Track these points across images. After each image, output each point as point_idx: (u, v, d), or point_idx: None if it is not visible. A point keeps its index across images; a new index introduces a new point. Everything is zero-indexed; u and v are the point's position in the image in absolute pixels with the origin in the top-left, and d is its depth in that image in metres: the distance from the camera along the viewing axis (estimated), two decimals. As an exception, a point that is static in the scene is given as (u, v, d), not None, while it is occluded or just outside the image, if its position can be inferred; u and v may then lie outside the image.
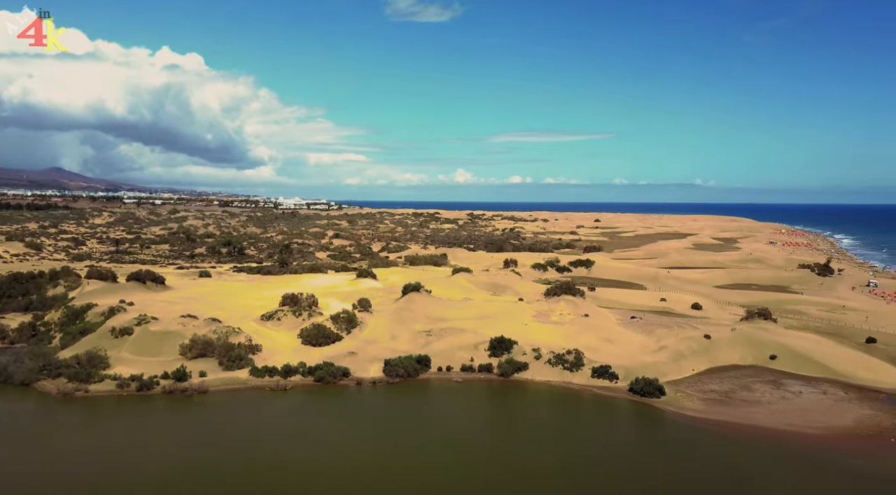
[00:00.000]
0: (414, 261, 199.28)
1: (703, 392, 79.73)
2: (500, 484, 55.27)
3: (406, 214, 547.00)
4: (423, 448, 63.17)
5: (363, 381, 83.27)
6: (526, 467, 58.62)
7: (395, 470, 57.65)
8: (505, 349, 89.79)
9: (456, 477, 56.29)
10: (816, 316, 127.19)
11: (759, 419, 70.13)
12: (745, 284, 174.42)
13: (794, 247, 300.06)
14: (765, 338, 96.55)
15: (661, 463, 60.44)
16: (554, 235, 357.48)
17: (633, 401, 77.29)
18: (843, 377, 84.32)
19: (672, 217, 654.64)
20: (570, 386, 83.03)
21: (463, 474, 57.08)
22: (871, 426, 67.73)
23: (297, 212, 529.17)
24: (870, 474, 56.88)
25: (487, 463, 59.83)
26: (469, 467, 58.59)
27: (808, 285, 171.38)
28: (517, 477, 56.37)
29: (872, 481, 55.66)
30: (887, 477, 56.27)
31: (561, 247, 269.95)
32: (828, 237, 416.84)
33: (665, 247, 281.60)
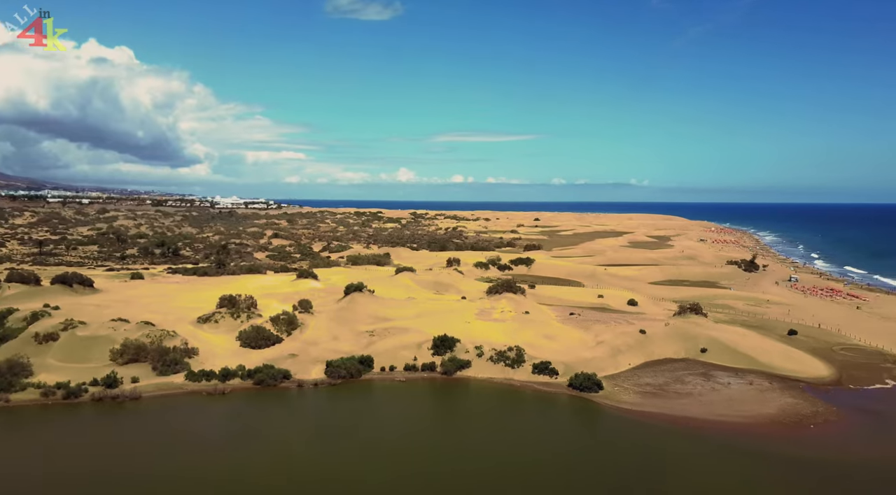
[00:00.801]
0: (356, 261, 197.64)
1: (638, 385, 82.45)
2: (441, 481, 55.61)
3: (348, 213, 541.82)
4: (365, 449, 62.82)
5: (305, 383, 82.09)
6: (467, 464, 59.23)
7: (336, 472, 57.13)
8: (448, 347, 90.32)
9: (397, 477, 56.29)
10: (743, 310, 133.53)
11: (690, 410, 73.11)
12: (678, 280, 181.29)
13: (722, 245, 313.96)
14: (696, 332, 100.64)
15: (598, 455, 62.22)
16: (496, 234, 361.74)
17: (573, 396, 79.19)
18: (768, 368, 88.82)
19: (608, 216, 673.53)
20: (511, 382, 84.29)
21: (404, 473, 57.12)
22: (793, 414, 71.66)
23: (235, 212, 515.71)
24: (791, 459, 60.15)
25: (429, 461, 60.11)
26: (411, 466, 58.69)
27: (736, 281, 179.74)
28: (458, 474, 56.86)
29: (794, 465, 58.88)
30: (807, 462, 59.64)
31: (502, 246, 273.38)
32: (753, 234, 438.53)
33: (602, 245, 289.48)
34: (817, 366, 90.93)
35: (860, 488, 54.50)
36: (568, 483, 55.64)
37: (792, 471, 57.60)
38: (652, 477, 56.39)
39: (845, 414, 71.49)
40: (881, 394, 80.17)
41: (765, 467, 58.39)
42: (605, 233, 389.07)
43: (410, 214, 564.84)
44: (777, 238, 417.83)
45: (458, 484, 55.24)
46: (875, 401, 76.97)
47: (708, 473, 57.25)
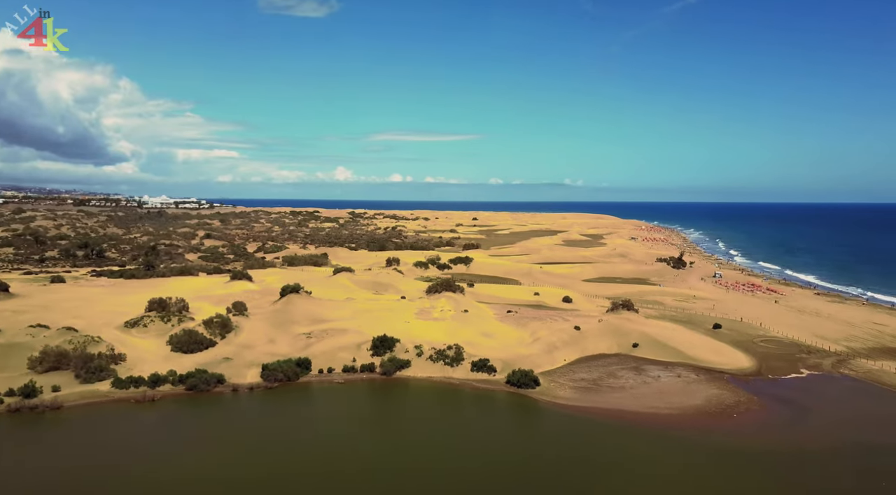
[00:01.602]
0: (293, 262, 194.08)
1: (573, 381, 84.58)
2: (379, 480, 55.40)
3: (284, 213, 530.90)
4: (299, 452, 61.82)
5: (240, 387, 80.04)
6: (404, 463, 59.27)
7: (269, 476, 56.03)
8: (387, 347, 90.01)
9: (333, 479, 55.71)
10: (672, 305, 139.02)
11: (623, 403, 75.58)
12: (610, 277, 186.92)
13: (652, 243, 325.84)
14: (628, 328, 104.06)
15: (536, 450, 63.41)
16: (435, 233, 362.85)
17: (511, 393, 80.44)
18: (695, 361, 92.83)
19: (544, 215, 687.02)
20: (450, 381, 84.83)
21: (340, 475, 56.59)
22: (718, 404, 75.19)
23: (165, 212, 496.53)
24: (716, 447, 63.10)
25: (366, 461, 59.73)
26: (347, 467, 58.17)
27: (665, 277, 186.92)
28: (396, 473, 56.82)
29: (718, 453, 61.83)
30: (730, 449, 62.67)
31: (442, 245, 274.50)
32: (680, 232, 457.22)
33: (538, 243, 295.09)
34: (740, 357, 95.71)
35: (779, 473, 57.68)
36: (507, 478, 56.48)
37: (718, 459, 60.40)
38: (589, 470, 57.98)
39: (765, 403, 75.56)
40: (797, 383, 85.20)
41: (693, 455, 61.05)
42: (541, 232, 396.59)
43: (348, 214, 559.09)
44: (702, 235, 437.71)
45: (395, 482, 55.18)
46: (791, 390, 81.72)
47: (642, 464, 59.28)
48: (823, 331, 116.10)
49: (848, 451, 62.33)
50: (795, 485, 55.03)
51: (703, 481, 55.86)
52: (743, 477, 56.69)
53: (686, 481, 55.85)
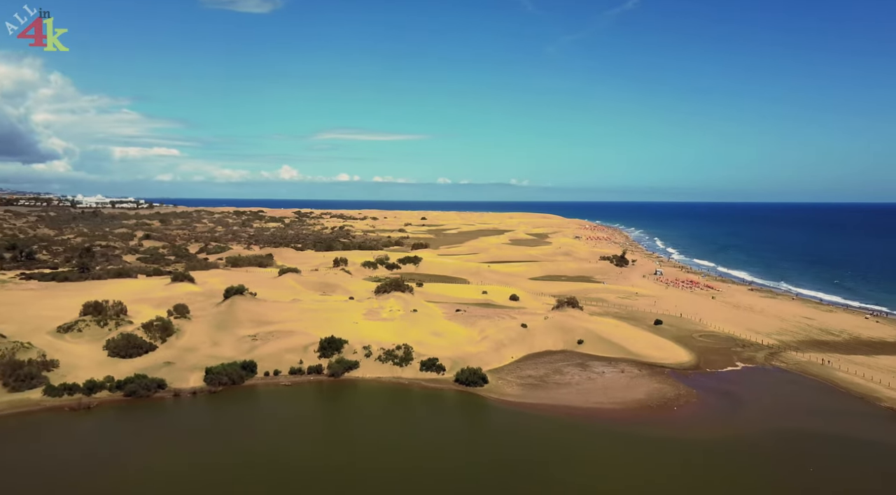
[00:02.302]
0: (237, 263, 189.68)
1: (521, 378, 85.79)
2: (325, 482, 54.88)
3: (227, 213, 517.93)
4: (245, 456, 60.54)
5: (182, 392, 77.77)
6: (352, 463, 58.85)
7: (214, 485, 54.72)
8: (335, 349, 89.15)
9: (280, 482, 54.86)
10: (615, 302, 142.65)
11: (569, 399, 77.17)
12: (556, 275, 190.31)
13: (596, 241, 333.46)
14: (573, 325, 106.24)
15: (484, 447, 64.03)
16: (383, 233, 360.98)
17: (459, 391, 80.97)
18: (637, 356, 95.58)
19: (491, 214, 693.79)
20: (400, 381, 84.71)
21: (288, 477, 55.77)
22: (659, 398, 77.68)
23: (100, 212, 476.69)
24: (658, 439, 65.23)
25: (313, 463, 59.05)
26: (294, 469, 57.40)
27: (608, 275, 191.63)
28: (343, 475, 56.39)
29: (660, 445, 63.90)
30: (671, 441, 64.90)
31: (390, 245, 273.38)
32: (622, 231, 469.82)
33: (485, 243, 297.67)
34: (679, 352, 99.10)
35: (715, 462, 60.09)
36: (455, 476, 56.84)
37: (660, 451, 62.43)
38: (536, 465, 58.89)
39: (703, 396, 78.51)
40: (732, 376, 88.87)
41: (637, 448, 62.86)
42: (488, 231, 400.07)
43: (294, 213, 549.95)
44: (642, 234, 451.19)
45: (344, 483, 54.76)
46: (727, 383, 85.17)
47: (587, 458, 60.69)
48: (757, 325, 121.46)
49: (779, 439, 65.40)
50: (731, 474, 57.38)
51: (646, 472, 57.59)
52: (683, 467, 58.75)
53: (630, 473, 57.46)
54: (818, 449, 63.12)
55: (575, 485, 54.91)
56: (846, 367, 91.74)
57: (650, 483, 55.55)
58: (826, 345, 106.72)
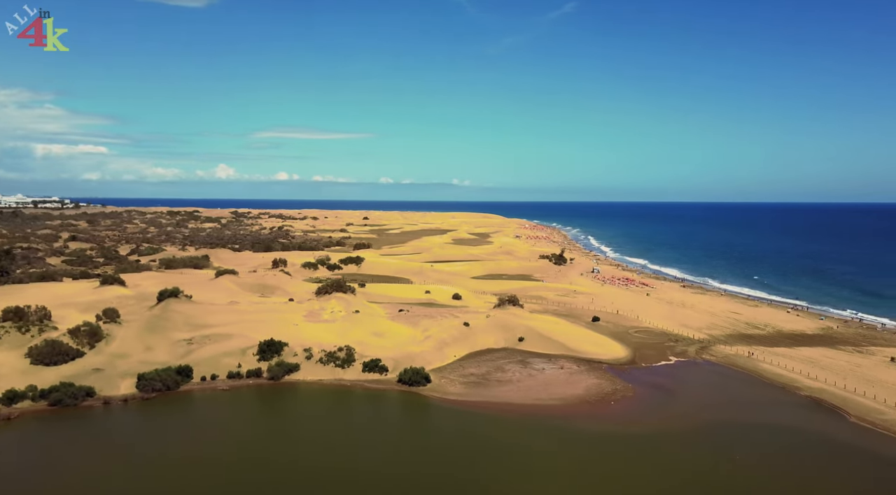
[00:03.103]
0: (171, 265, 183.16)
1: (463, 376, 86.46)
2: (265, 485, 53.84)
3: (160, 213, 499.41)
4: (179, 464, 58.74)
5: (112, 400, 74.63)
6: (291, 467, 57.98)
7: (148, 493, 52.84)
8: (275, 352, 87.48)
9: (218, 489, 53.49)
10: (554, 300, 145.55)
11: (510, 396, 78.31)
12: (497, 274, 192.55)
13: (535, 240, 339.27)
14: (514, 323, 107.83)
15: (427, 447, 64.27)
16: (324, 233, 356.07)
17: (402, 391, 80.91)
18: (576, 352, 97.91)
19: (434, 214, 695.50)
20: (342, 382, 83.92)
21: (226, 482, 54.44)
22: (597, 393, 79.84)
23: (21, 212, 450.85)
24: (596, 433, 67.11)
25: (252, 466, 57.82)
26: (233, 474, 56.08)
27: (548, 273, 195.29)
28: (284, 477, 55.49)
29: (598, 439, 65.74)
30: (608, 434, 66.90)
31: (331, 245, 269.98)
32: (560, 230, 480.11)
33: (428, 242, 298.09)
34: (616, 348, 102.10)
35: (649, 453, 62.22)
36: (396, 475, 56.79)
37: (598, 444, 64.22)
38: (478, 462, 59.50)
39: (639, 390, 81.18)
40: (666, 370, 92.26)
41: (576, 442, 64.44)
42: (431, 231, 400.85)
43: (231, 213, 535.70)
44: (579, 232, 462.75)
45: (285, 485, 53.85)
46: (661, 377, 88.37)
47: (528, 453, 61.71)
48: (689, 320, 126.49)
49: (708, 430, 68.41)
50: (664, 464, 59.59)
51: (585, 465, 59.11)
52: (619, 459, 60.61)
53: (569, 467, 58.82)
54: (743, 438, 66.31)
55: (515, 481, 55.77)
56: (770, 359, 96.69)
57: (588, 476, 57.01)
58: (752, 339, 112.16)
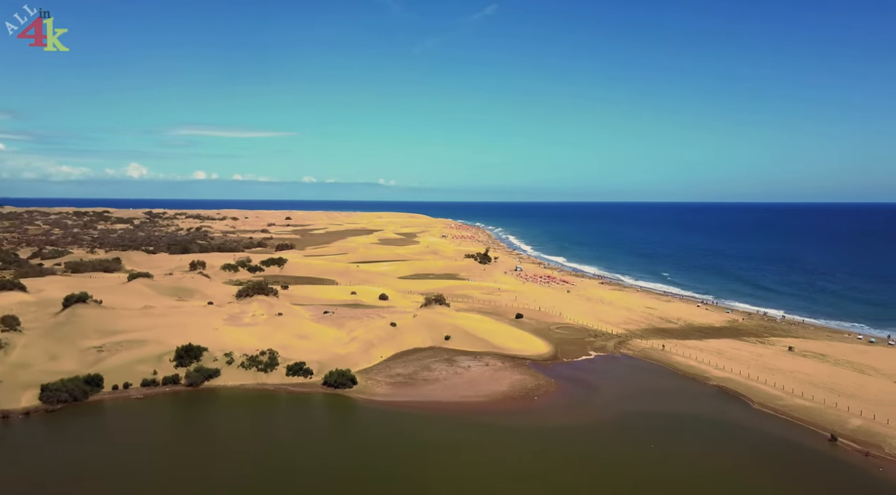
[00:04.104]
0: (78, 268, 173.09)
1: (390, 377, 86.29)
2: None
3: (65, 213, 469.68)
4: (86, 478, 55.67)
5: (11, 413, 69.75)
6: (210, 475, 56.20)
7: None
8: (193, 357, 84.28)
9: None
10: (480, 298, 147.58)
11: (437, 395, 78.84)
12: (424, 274, 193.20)
13: (461, 240, 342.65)
14: (441, 322, 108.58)
15: (351, 448, 63.62)
16: (245, 234, 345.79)
17: (328, 394, 79.87)
18: (501, 349, 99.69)
19: (359, 214, 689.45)
20: (265, 387, 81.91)
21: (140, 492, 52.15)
22: (521, 389, 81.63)
23: None
24: (520, 428, 68.60)
25: (167, 476, 55.57)
26: (147, 487, 53.69)
27: (473, 272, 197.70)
28: (201, 487, 53.68)
29: (522, 433, 67.25)
30: (532, 429, 68.53)
31: (252, 247, 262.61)
32: (485, 229, 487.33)
33: (354, 243, 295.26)
34: (539, 344, 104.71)
35: (573, 446, 64.30)
36: (325, 478, 56.05)
37: (522, 439, 65.65)
38: (404, 462, 59.58)
39: (561, 385, 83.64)
40: (586, 364, 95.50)
41: (500, 438, 65.63)
42: (357, 231, 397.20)
43: (145, 214, 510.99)
44: (502, 232, 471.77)
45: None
46: (582, 371, 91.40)
47: (454, 451, 62.34)
48: (607, 316, 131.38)
49: (626, 421, 71.38)
50: (585, 455, 61.76)
51: (510, 460, 60.31)
52: (543, 453, 62.27)
53: (495, 462, 59.84)
54: (658, 427, 69.65)
55: (440, 477, 56.24)
56: (682, 351, 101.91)
57: (514, 470, 58.22)
58: (665, 332, 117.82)
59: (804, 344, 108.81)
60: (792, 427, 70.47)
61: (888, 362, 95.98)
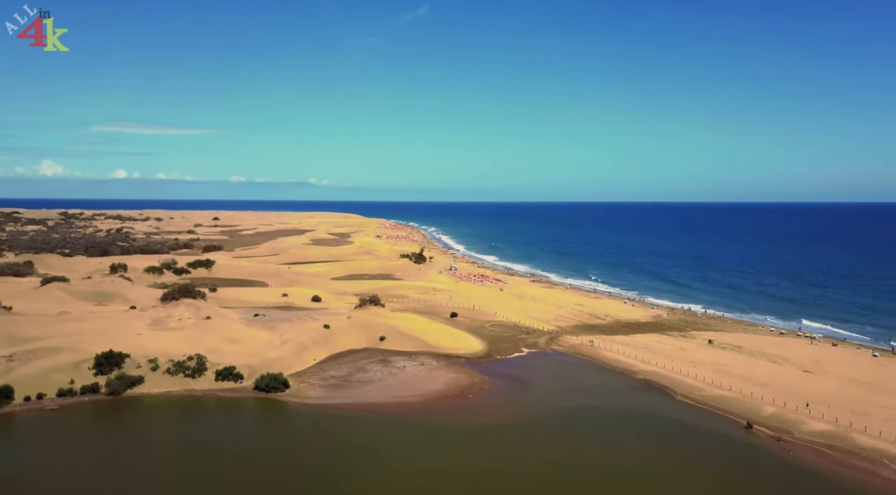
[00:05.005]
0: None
1: (324, 379, 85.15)
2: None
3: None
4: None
5: (-90, 431, 64.51)
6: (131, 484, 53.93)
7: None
8: (115, 364, 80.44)
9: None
10: (415, 298, 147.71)
11: (372, 396, 78.40)
12: (358, 274, 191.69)
13: (396, 240, 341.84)
14: (376, 322, 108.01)
15: (282, 453, 62.39)
16: (170, 235, 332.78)
17: (259, 398, 78.00)
18: (436, 348, 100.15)
19: (291, 214, 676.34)
20: (192, 393, 79.15)
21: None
22: (456, 387, 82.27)
23: None
24: (454, 426, 69.14)
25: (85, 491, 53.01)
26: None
27: (408, 272, 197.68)
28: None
29: (456, 432, 67.79)
30: (466, 427, 69.21)
31: (178, 248, 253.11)
32: (420, 229, 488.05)
33: (285, 243, 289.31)
34: (473, 342, 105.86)
35: (507, 442, 65.35)
36: (252, 485, 54.71)
37: (456, 438, 66.20)
38: (337, 464, 58.93)
39: (495, 382, 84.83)
40: (519, 361, 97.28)
41: (434, 437, 66.00)
42: (288, 231, 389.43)
43: (60, 214, 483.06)
44: (436, 231, 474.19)
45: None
46: (515, 368, 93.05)
47: (388, 452, 62.18)
48: (539, 313, 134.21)
49: (557, 416, 73.19)
50: (518, 451, 62.86)
51: (445, 458, 60.72)
52: (477, 449, 62.99)
53: (430, 460, 60.14)
54: (588, 421, 71.88)
55: (375, 478, 56.01)
56: (610, 346, 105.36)
57: (449, 468, 58.62)
58: (594, 328, 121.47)
59: (723, 337, 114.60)
60: (712, 416, 74.12)
61: (797, 352, 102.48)
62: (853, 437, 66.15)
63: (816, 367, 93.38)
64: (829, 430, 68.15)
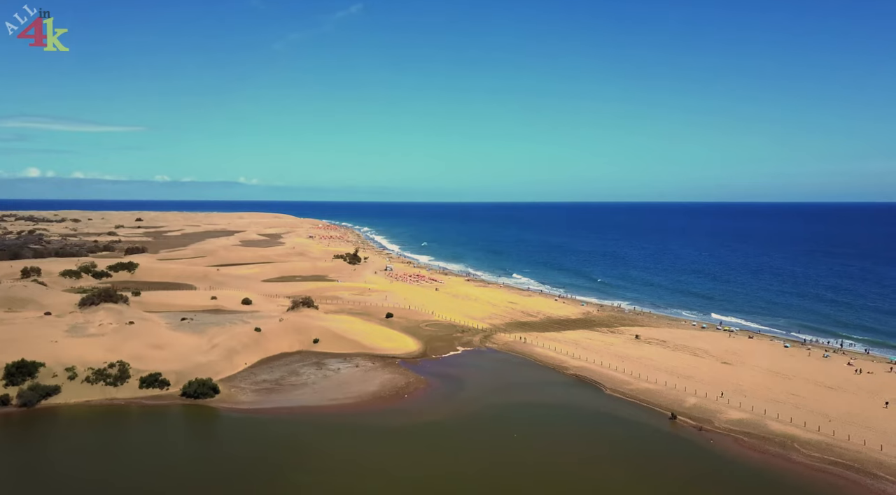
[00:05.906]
0: None
1: (255, 383, 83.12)
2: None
3: None
4: None
5: None
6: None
7: None
8: (27, 374, 75.79)
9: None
10: (350, 299, 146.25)
11: (305, 399, 77.14)
12: (290, 276, 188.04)
13: (329, 240, 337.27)
14: (309, 324, 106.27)
15: (212, 459, 60.65)
16: (88, 237, 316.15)
17: (187, 405, 75.32)
18: (371, 349, 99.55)
19: (219, 214, 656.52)
20: (114, 402, 75.58)
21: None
22: (391, 388, 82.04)
23: None
24: (389, 427, 68.89)
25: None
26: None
27: (343, 273, 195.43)
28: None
29: (391, 432, 67.58)
30: (401, 427, 69.12)
31: (98, 251, 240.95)
32: (354, 229, 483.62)
33: (213, 245, 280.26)
34: (409, 342, 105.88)
35: (443, 440, 65.82)
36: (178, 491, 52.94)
37: (390, 438, 66.04)
38: (270, 469, 57.72)
39: (430, 381, 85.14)
40: (454, 360, 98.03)
41: (369, 438, 65.57)
42: (217, 232, 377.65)
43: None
44: (370, 231, 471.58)
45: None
46: (450, 367, 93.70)
47: (322, 455, 61.39)
48: (473, 311, 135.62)
49: (492, 412, 74.23)
50: (454, 448, 63.44)
51: (380, 459, 60.42)
52: (412, 449, 63.12)
53: (364, 461, 59.70)
54: (522, 416, 73.27)
55: (307, 483, 55.20)
56: (542, 343, 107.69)
57: (383, 468, 58.42)
58: (527, 326, 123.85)
59: (648, 332, 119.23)
60: (639, 408, 77.03)
61: (716, 345, 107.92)
62: (767, 424, 70.31)
63: (734, 359, 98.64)
64: (746, 418, 72.15)
